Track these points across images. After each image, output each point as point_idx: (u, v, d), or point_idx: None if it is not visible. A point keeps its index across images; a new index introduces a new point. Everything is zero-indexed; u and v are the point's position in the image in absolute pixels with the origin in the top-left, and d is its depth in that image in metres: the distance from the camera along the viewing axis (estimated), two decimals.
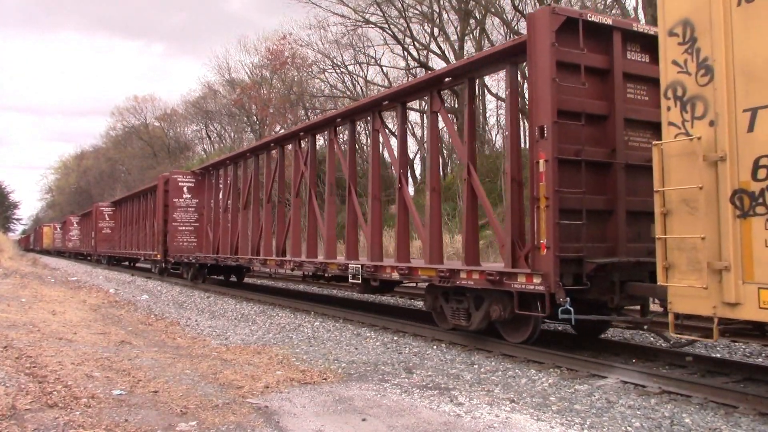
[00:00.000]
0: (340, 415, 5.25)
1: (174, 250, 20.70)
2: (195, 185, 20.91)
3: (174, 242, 20.67)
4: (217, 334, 10.00)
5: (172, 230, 20.78)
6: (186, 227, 20.84)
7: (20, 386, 5.54)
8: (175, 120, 66.37)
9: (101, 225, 37.02)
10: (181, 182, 20.91)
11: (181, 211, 20.76)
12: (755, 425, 5.19)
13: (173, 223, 20.71)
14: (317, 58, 38.72)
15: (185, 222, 20.78)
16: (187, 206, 20.79)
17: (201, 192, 20.85)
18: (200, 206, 20.83)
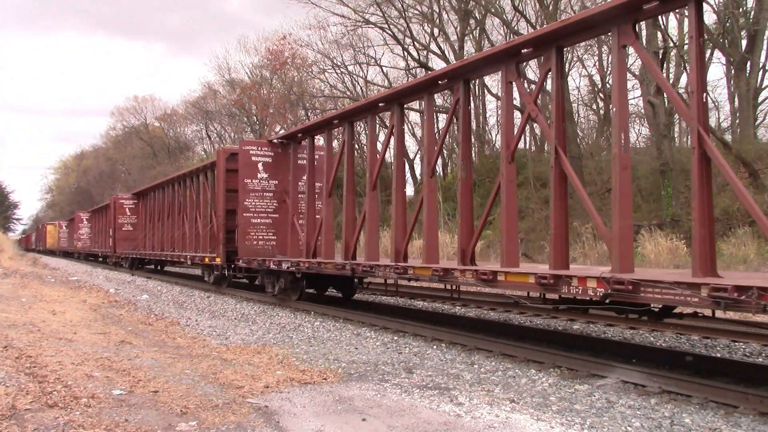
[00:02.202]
0: (340, 415, 5.25)
1: (246, 251, 14.94)
2: (273, 161, 15.09)
3: (245, 241, 14.90)
4: (217, 334, 10.00)
5: (243, 224, 14.92)
6: (261, 219, 15.13)
7: (20, 386, 5.53)
8: (175, 120, 66.43)
9: (121, 221, 31.05)
10: (255, 156, 14.99)
11: (256, 196, 15.06)
12: (755, 425, 5.19)
13: (245, 214, 14.88)
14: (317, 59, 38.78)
15: (260, 212, 15.09)
16: (264, 190, 15.08)
17: (281, 170, 15.16)
18: (281, 190, 15.17)
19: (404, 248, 10.48)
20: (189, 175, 21.89)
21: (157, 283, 22.60)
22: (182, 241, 21.84)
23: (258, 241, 15.04)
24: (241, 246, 15.06)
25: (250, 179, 14.97)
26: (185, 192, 22.20)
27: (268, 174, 15.13)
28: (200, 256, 18.79)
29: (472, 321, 10.78)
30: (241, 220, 14.99)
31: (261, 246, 15.05)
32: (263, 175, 15.09)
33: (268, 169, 15.13)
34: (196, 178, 20.95)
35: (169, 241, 23.63)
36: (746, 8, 22.85)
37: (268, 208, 15.16)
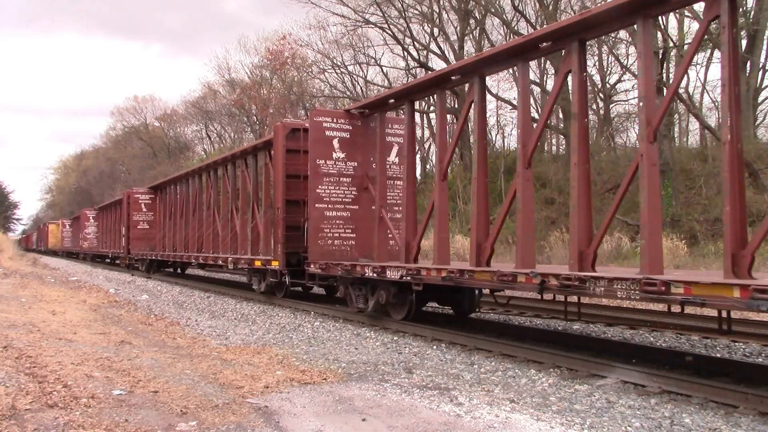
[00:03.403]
0: (340, 415, 5.25)
1: (320, 253, 11.76)
2: (351, 136, 12.02)
3: (318, 240, 11.75)
4: (217, 334, 10.00)
5: (316, 218, 11.71)
6: (338, 212, 11.92)
7: (20, 386, 5.53)
8: (175, 120, 66.47)
9: (136, 218, 27.62)
10: (330, 130, 11.87)
11: (331, 182, 11.85)
12: (755, 425, 5.19)
13: (317, 205, 11.70)
14: (317, 59, 38.79)
15: (336, 203, 11.89)
16: (340, 174, 11.93)
17: (361, 149, 12.03)
18: (362, 174, 12.07)
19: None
20: (222, 163, 18.81)
21: (157, 283, 22.59)
22: (214, 240, 18.76)
23: (334, 240, 11.80)
24: (314, 246, 11.71)
25: (324, 160, 11.68)
26: (216, 183, 19.41)
27: (345, 153, 11.90)
28: (248, 258, 15.20)
29: (472, 321, 10.78)
30: (312, 212, 11.68)
31: (337, 246, 11.81)
32: (339, 154, 11.88)
33: (345, 147, 11.89)
34: (231, 165, 17.94)
35: (196, 240, 20.44)
36: (746, 8, 22.85)
37: (346, 197, 11.94)
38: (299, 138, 13.56)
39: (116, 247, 32.23)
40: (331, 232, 11.86)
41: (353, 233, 12.04)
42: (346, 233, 12.00)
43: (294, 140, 13.67)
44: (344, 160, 11.95)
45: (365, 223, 11.93)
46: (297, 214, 13.40)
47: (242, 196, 16.85)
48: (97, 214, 41.90)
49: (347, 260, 11.41)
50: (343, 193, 11.98)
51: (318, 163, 11.78)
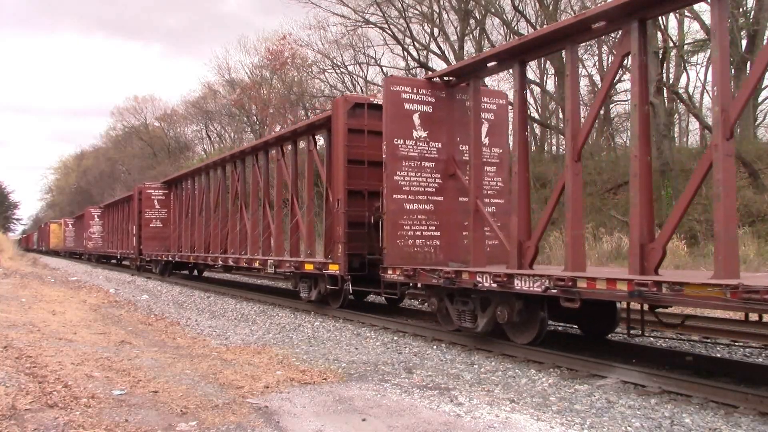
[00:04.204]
0: (340, 415, 5.25)
1: (399, 255, 9.70)
2: (434, 111, 10.02)
3: (397, 239, 9.69)
4: (217, 334, 10.00)
5: (394, 211, 9.68)
6: (419, 205, 9.90)
7: (20, 386, 5.53)
8: (175, 120, 66.43)
9: (149, 216, 25.40)
10: (410, 103, 9.88)
11: (411, 168, 9.84)
12: (755, 425, 5.19)
13: (396, 196, 9.69)
14: (317, 59, 38.76)
15: (417, 193, 9.90)
16: (422, 157, 9.90)
17: (447, 126, 10.14)
18: (448, 158, 10.13)
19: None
20: (251, 152, 16.78)
21: (157, 283, 22.58)
22: (241, 240, 16.81)
23: (415, 239, 9.74)
24: (392, 248, 9.61)
25: (403, 140, 9.69)
26: (244, 175, 17.41)
27: (427, 132, 9.87)
28: (294, 261, 12.93)
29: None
30: (390, 205, 9.57)
31: (419, 247, 9.79)
32: (420, 133, 9.83)
33: (427, 123, 9.87)
34: (264, 153, 16.07)
35: (219, 240, 18.46)
36: (746, 8, 22.85)
37: (429, 186, 9.90)
38: (362, 115, 11.41)
39: (125, 248, 30.13)
40: (411, 229, 9.77)
41: (437, 231, 9.95)
42: (429, 231, 9.88)
43: (356, 118, 11.43)
44: (426, 140, 9.91)
45: (451, 217, 10.02)
46: (360, 208, 11.27)
47: (278, 188, 15.17)
48: (102, 212, 39.60)
49: (431, 264, 9.57)
50: (425, 181, 9.91)
51: (396, 143, 9.64)
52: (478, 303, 8.42)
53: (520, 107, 8.49)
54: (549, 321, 8.09)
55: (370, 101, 11.61)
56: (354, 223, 11.21)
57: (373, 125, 11.22)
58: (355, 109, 11.47)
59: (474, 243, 9.23)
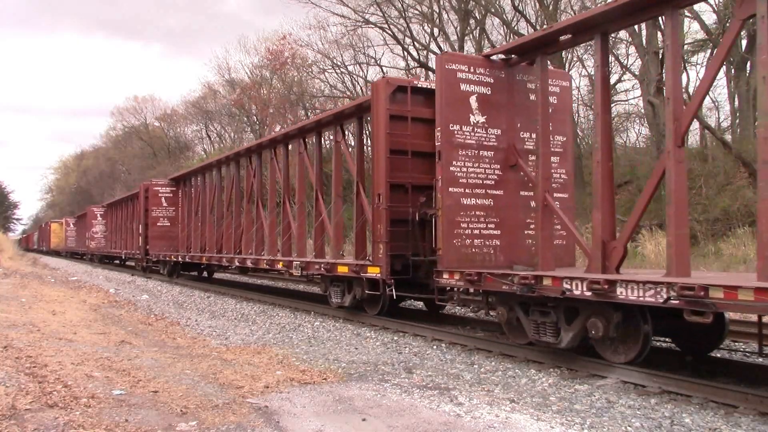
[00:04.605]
0: (340, 415, 5.25)
1: (455, 257, 8.62)
2: (493, 94, 8.96)
3: (453, 238, 8.62)
4: (217, 334, 10.00)
5: (450, 207, 8.62)
6: (477, 199, 8.95)
7: (20, 386, 5.53)
8: (175, 120, 66.41)
9: (156, 214, 24.17)
10: (467, 83, 8.83)
11: (468, 157, 8.81)
12: (755, 425, 5.19)
13: (452, 189, 8.67)
14: (317, 59, 38.75)
15: (475, 186, 8.85)
16: (480, 145, 8.85)
17: (506, 111, 9.11)
18: (508, 146, 9.08)
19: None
20: (269, 146, 15.67)
21: (156, 283, 22.58)
22: (257, 239, 15.82)
23: (473, 238, 8.69)
24: (448, 248, 8.50)
25: (459, 125, 8.65)
26: (261, 170, 16.32)
27: (485, 117, 8.85)
28: (326, 263, 11.66)
29: (472, 321, 10.77)
30: (446, 199, 8.51)
31: (478, 247, 8.73)
32: (478, 117, 8.81)
33: (485, 107, 8.84)
34: (283, 147, 15.06)
35: (233, 239, 17.51)
36: None
37: (488, 178, 8.88)
38: (404, 101, 10.36)
39: (130, 247, 28.99)
40: (469, 227, 8.66)
41: (496, 229, 8.87)
42: (488, 229, 8.81)
43: (397, 103, 10.34)
44: (484, 126, 8.83)
45: (512, 214, 9.00)
46: (403, 204, 10.25)
47: (299, 184, 14.00)
48: (105, 211, 38.69)
49: (490, 267, 8.61)
50: (483, 173, 8.85)
51: (452, 129, 8.58)
52: (561, 314, 7.18)
53: (602, 86, 7.40)
54: None
55: (413, 84, 10.62)
56: (396, 220, 10.12)
57: (417, 111, 10.40)
58: (395, 94, 10.34)
59: (542, 243, 8.07)
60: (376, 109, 10.31)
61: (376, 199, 10.20)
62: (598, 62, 7.50)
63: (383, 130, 10.13)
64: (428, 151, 9.86)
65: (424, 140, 10.06)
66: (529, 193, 8.97)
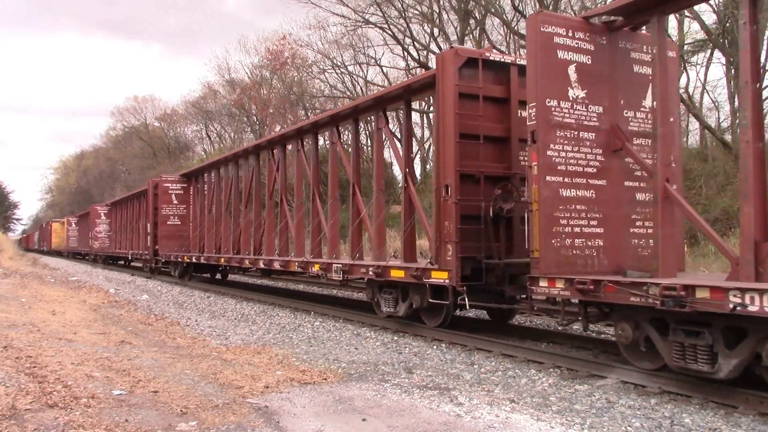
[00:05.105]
0: (340, 415, 5.25)
1: (554, 260, 7.21)
2: (593, 64, 7.64)
3: (551, 237, 7.23)
4: (217, 334, 10.00)
5: (547, 199, 7.25)
6: (578, 191, 7.48)
7: (20, 386, 5.53)
8: (175, 120, 66.44)
9: (166, 212, 22.67)
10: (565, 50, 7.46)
11: (567, 140, 7.41)
12: (755, 425, 5.20)
13: (549, 178, 7.25)
14: (317, 59, 38.77)
15: (575, 175, 7.47)
16: (580, 126, 7.53)
17: (609, 85, 7.77)
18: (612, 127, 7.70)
19: None
20: (296, 136, 14.35)
21: (156, 283, 22.59)
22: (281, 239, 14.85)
23: (573, 238, 7.31)
24: (546, 250, 7.14)
25: (557, 101, 7.31)
26: (284, 164, 15.31)
27: (585, 91, 7.52)
28: (375, 267, 10.18)
29: (472, 321, 10.78)
30: (543, 190, 7.17)
31: (578, 248, 7.35)
32: (578, 92, 7.47)
33: (585, 80, 7.50)
34: (312, 136, 13.88)
35: (254, 240, 16.31)
36: None
37: (588, 166, 7.52)
38: (474, 77, 8.98)
39: (137, 247, 27.45)
40: (569, 224, 7.31)
41: (599, 226, 7.52)
42: (590, 227, 7.46)
43: (466, 79, 8.96)
44: (584, 102, 7.50)
45: (615, 209, 7.65)
46: (473, 197, 8.89)
47: (333, 178, 12.80)
48: (109, 210, 37.31)
49: (592, 272, 7.25)
50: (584, 159, 7.48)
51: (549, 105, 7.25)
52: (719, 335, 5.73)
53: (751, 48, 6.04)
54: None
55: (485, 56, 9.14)
56: (465, 216, 8.78)
57: (489, 89, 9.12)
58: (463, 69, 8.92)
59: (663, 243, 6.68)
60: (443, 85, 8.86)
61: (442, 191, 8.80)
62: (746, 17, 6.00)
63: (452, 110, 8.70)
64: (500, 136, 9.07)
65: (496, 123, 9.05)
66: (635, 184, 7.78)
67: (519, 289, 8.48)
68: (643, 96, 7.91)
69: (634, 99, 7.85)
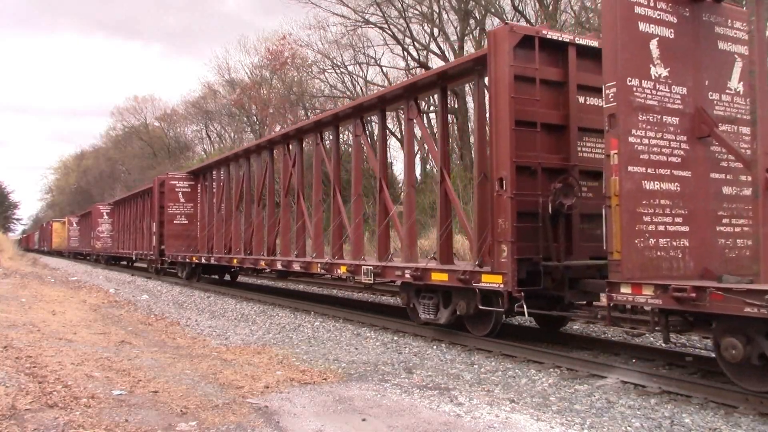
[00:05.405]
0: (340, 415, 5.25)
1: (638, 263, 6.40)
2: (675, 36, 6.91)
3: (635, 236, 6.41)
4: (217, 334, 10.00)
5: (630, 192, 6.46)
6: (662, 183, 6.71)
7: (20, 386, 5.54)
8: (175, 120, 66.45)
9: (172, 211, 22.07)
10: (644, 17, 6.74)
11: (651, 124, 6.64)
12: (755, 425, 5.20)
13: (631, 168, 6.48)
14: (317, 59, 38.78)
15: (660, 165, 6.69)
16: (663, 109, 6.76)
17: (689, 60, 7.04)
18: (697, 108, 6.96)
19: None
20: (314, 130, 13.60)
21: (156, 283, 22.59)
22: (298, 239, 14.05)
23: (657, 237, 6.56)
24: (630, 250, 6.37)
25: (638, 80, 6.60)
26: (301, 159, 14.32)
27: (668, 70, 6.80)
28: (414, 268, 9.32)
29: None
30: (625, 182, 6.41)
31: (663, 249, 6.59)
32: (660, 70, 6.75)
33: (667, 56, 6.81)
34: (333, 129, 12.94)
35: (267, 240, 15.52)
36: None
37: (672, 155, 6.79)
38: (531, 57, 8.11)
39: (141, 248, 26.61)
40: (653, 221, 6.55)
41: (684, 224, 6.79)
42: (674, 224, 6.73)
43: (523, 60, 8.08)
44: (667, 81, 6.76)
45: (701, 203, 6.94)
46: (530, 192, 8.00)
47: (356, 173, 12.09)
48: (112, 209, 36.57)
49: (678, 277, 6.53)
50: (668, 147, 6.74)
51: (630, 84, 6.52)
52: None
53: None
54: None
55: (541, 34, 8.26)
56: (521, 213, 7.88)
57: (546, 72, 8.31)
58: (517, 49, 8.01)
59: (765, 243, 5.98)
60: (496, 66, 7.98)
61: (496, 185, 7.95)
62: None
63: (506, 94, 7.84)
64: (558, 124, 8.35)
65: (552, 109, 8.32)
66: (721, 176, 7.07)
67: (579, 294, 7.87)
68: (728, 77, 7.12)
69: (719, 80, 7.08)
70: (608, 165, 6.55)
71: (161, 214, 22.48)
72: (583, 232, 8.08)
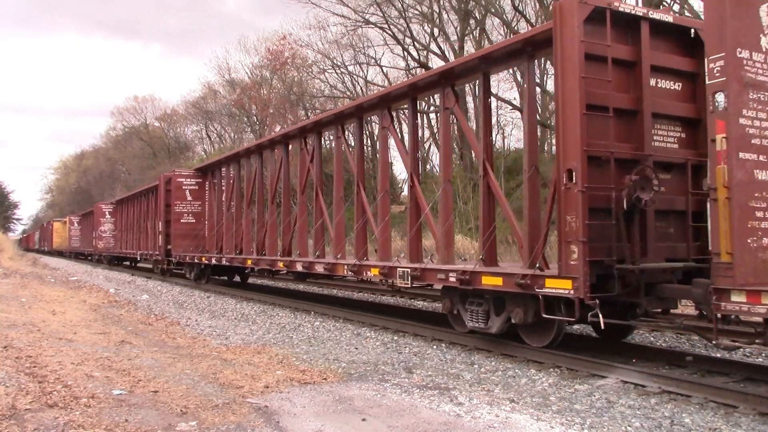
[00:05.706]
0: (340, 415, 5.25)
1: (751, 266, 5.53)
2: None
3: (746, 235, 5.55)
4: (217, 334, 10.00)
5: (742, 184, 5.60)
6: None
7: (20, 386, 5.54)
8: (175, 120, 66.53)
9: (179, 209, 21.25)
10: None
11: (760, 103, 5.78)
12: (755, 425, 5.20)
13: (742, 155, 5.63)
14: (317, 59, 38.83)
15: None
16: None
17: None
18: None
19: None
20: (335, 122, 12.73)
21: (157, 283, 22.59)
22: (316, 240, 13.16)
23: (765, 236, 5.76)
24: (742, 251, 5.58)
25: (749, 51, 5.82)
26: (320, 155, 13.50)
27: None
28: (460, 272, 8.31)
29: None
30: (736, 171, 5.63)
31: None
32: None
33: None
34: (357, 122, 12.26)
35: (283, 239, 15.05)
36: None
37: None
38: (602, 33, 7.14)
39: (145, 248, 25.62)
40: (765, 217, 5.81)
41: None
42: None
43: (594, 36, 7.11)
44: None
45: None
46: (601, 185, 7.05)
47: (383, 168, 11.43)
48: (114, 208, 35.71)
49: None
50: None
51: (740, 57, 5.69)
52: None
53: None
54: None
55: (613, 6, 7.23)
56: (592, 209, 6.92)
57: (617, 50, 7.36)
58: (587, 24, 7.01)
59: None
60: (563, 42, 7.00)
61: (564, 177, 7.00)
62: None
63: (576, 74, 6.87)
64: (629, 108, 7.44)
65: (623, 92, 7.42)
66: None
67: (657, 301, 7.14)
68: None
69: None
70: (713, 151, 5.67)
71: (167, 212, 21.62)
72: (657, 231, 7.30)
